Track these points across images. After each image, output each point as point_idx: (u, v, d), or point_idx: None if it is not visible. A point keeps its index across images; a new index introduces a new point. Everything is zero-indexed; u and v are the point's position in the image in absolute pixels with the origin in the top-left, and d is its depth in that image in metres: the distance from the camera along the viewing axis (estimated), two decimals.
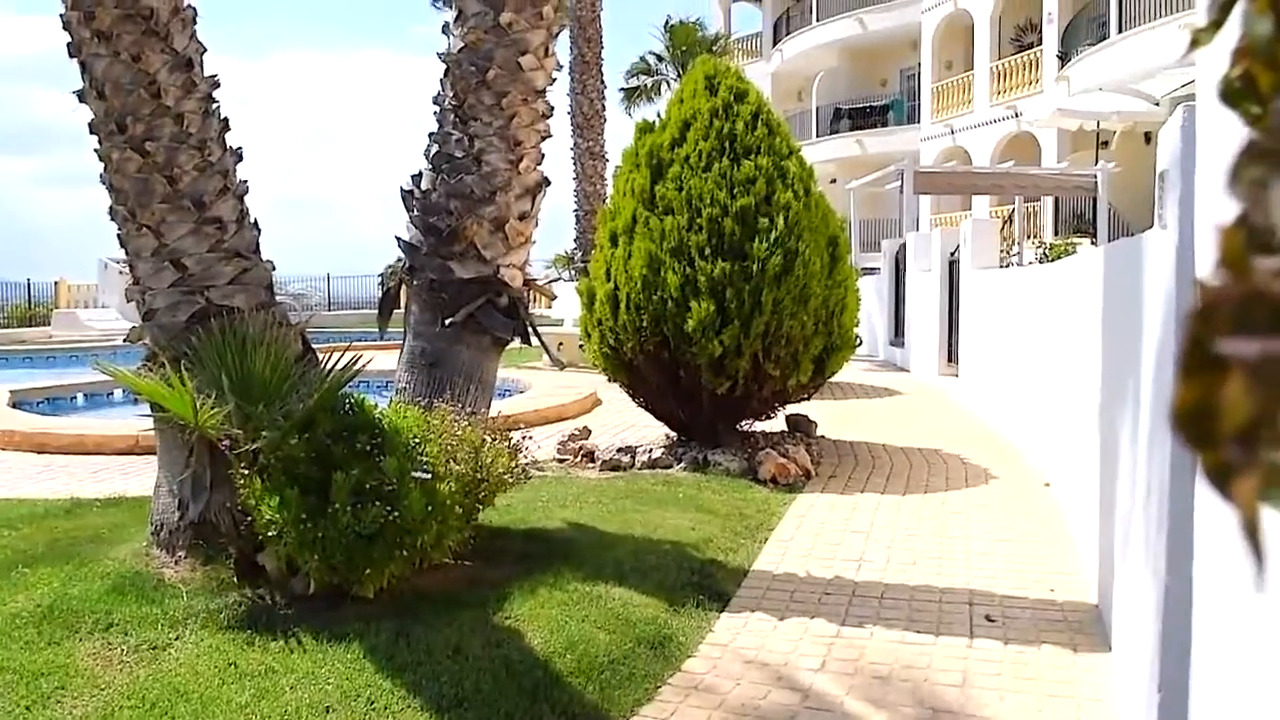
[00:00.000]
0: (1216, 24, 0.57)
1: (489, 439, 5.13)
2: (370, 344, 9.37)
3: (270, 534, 4.34)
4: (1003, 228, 19.46)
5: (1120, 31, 19.73)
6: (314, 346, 5.50)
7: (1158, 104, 17.98)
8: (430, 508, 4.38)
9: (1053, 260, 16.97)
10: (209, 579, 4.63)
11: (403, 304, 6.13)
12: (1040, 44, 24.29)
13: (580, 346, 8.70)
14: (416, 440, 4.69)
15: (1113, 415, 5.24)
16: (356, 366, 5.05)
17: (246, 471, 4.47)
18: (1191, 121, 2.74)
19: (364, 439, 4.48)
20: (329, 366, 5.10)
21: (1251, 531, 0.41)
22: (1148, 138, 20.57)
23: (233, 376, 4.78)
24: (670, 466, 7.46)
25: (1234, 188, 0.41)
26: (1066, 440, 6.59)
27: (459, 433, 4.89)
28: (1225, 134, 2.04)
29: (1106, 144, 20.59)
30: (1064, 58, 22.73)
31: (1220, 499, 0.42)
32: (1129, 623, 3.73)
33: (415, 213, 5.93)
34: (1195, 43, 0.62)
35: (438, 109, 6.04)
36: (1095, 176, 18.05)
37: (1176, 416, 0.39)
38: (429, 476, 4.44)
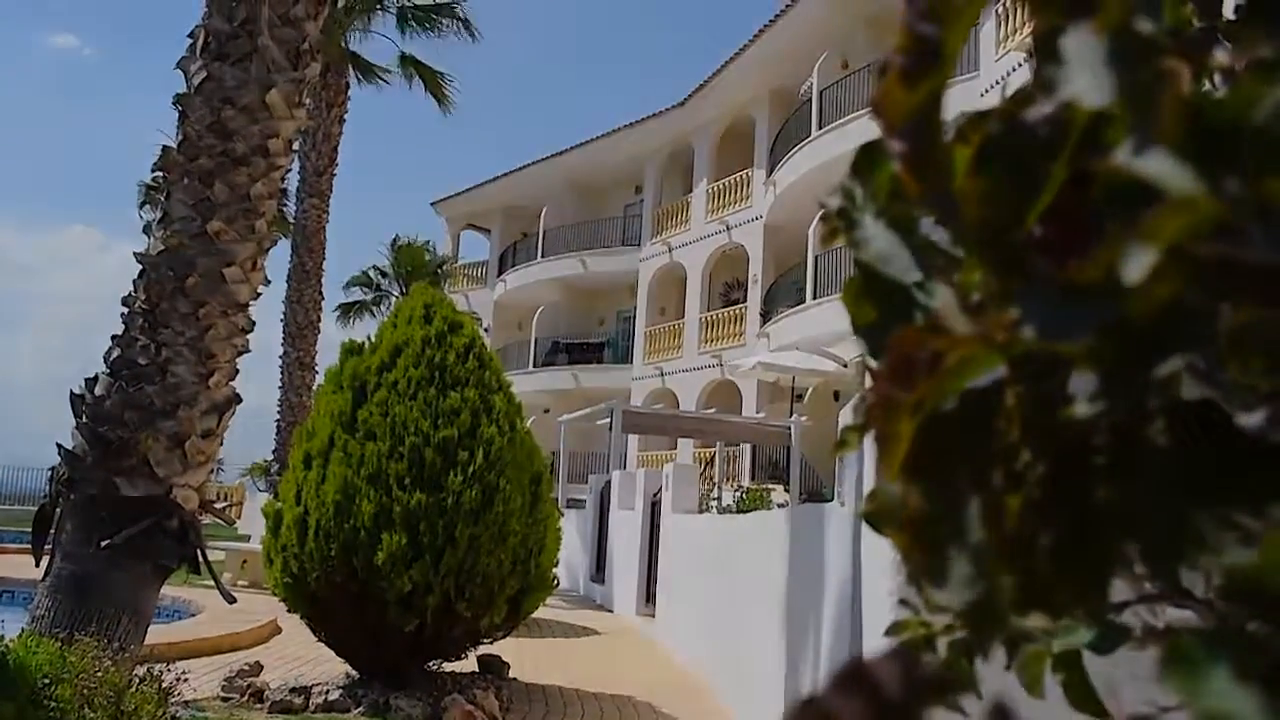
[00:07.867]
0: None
1: (138, 679, 4.58)
2: (28, 545, 8.37)
3: None
4: (704, 470, 20.18)
5: (815, 298, 21.47)
6: None
7: (845, 366, 19.50)
8: None
9: (750, 504, 17.66)
10: None
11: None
12: (745, 301, 26.05)
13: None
14: (47, 681, 4.12)
15: (797, 664, 5.32)
16: None
17: None
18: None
19: None
20: None
21: None
22: (836, 395, 22.22)
23: None
24: (348, 710, 6.90)
25: None
26: (757, 689, 6.63)
27: (100, 673, 4.33)
28: None
29: (801, 398, 21.99)
30: (766, 315, 24.43)
31: None
32: None
33: (84, 420, 5.42)
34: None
35: (125, 310, 5.65)
36: (789, 428, 19.17)
37: None
38: None
